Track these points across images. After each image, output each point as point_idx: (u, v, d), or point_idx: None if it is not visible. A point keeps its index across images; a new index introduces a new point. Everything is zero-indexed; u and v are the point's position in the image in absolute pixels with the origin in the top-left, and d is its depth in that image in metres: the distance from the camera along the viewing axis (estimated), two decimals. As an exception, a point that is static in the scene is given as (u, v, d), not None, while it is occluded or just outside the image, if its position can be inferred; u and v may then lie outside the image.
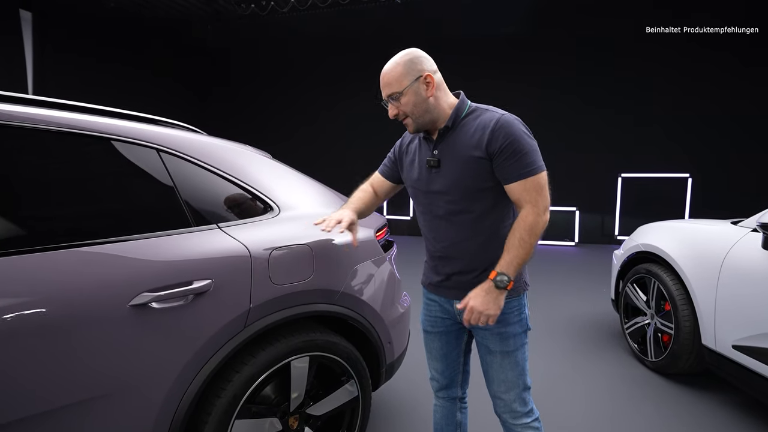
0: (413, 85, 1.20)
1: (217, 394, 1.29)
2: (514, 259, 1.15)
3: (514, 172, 1.17)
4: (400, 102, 1.22)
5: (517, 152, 1.16)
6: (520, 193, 1.17)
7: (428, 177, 1.28)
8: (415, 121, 1.25)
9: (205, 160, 1.44)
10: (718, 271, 2.16)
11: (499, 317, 1.21)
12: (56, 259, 1.07)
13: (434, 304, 1.40)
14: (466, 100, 1.29)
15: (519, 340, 1.30)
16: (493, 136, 1.17)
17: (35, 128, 1.14)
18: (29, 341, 1.00)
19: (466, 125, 1.24)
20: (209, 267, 1.27)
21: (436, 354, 1.43)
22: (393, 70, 1.22)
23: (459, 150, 1.22)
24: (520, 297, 1.30)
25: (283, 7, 8.32)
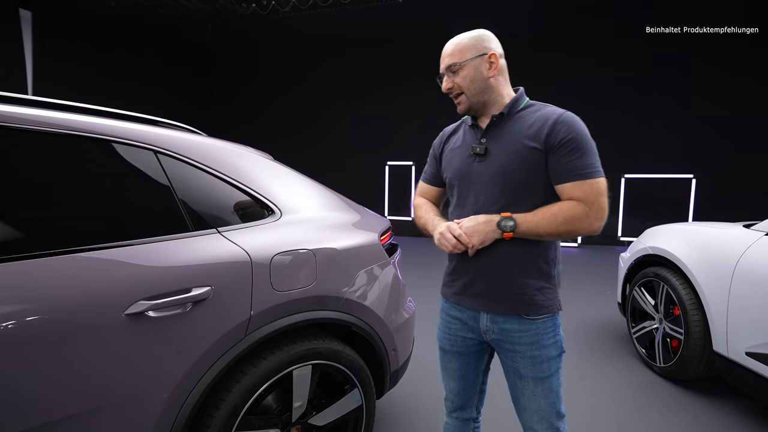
0: (475, 60, 1.13)
1: (216, 405, 1.24)
2: (532, 223, 1.07)
3: (572, 170, 1.07)
4: (458, 75, 1.15)
5: (579, 149, 1.07)
6: (575, 194, 1.07)
7: (470, 166, 1.19)
8: (469, 100, 1.16)
9: (205, 162, 1.39)
10: (730, 276, 2.11)
11: (532, 339, 1.14)
12: (49, 265, 1.02)
13: (456, 322, 1.27)
14: (525, 95, 1.22)
15: (554, 365, 1.17)
16: (554, 127, 1.08)
17: (26, 129, 1.09)
18: (21, 351, 0.95)
19: (524, 116, 1.15)
20: (208, 273, 1.22)
21: (454, 374, 1.32)
22: (458, 42, 1.16)
23: (512, 139, 1.13)
24: (554, 317, 1.18)
25: (284, 6, 8.28)
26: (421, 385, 2.42)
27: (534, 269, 1.15)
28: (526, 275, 1.14)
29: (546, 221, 1.07)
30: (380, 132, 8.45)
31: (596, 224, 1.07)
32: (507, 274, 1.15)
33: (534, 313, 1.14)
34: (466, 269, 1.21)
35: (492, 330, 1.19)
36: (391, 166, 8.41)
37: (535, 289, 1.14)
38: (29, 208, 1.12)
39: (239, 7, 8.48)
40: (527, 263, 1.14)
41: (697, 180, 6.92)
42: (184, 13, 8.70)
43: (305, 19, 8.56)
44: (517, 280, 1.14)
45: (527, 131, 1.12)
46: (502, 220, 1.08)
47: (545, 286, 1.16)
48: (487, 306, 1.18)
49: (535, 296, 1.14)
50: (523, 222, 1.07)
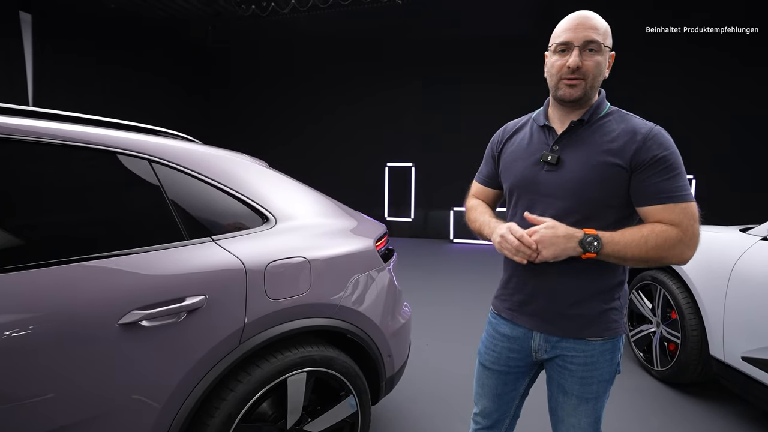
0: (608, 52, 1.03)
1: (210, 413, 1.25)
2: (619, 245, 0.95)
3: (664, 191, 0.96)
4: (592, 57, 1.00)
5: (672, 169, 0.96)
6: (666, 218, 0.96)
7: (538, 174, 1.08)
8: (585, 90, 1.02)
9: (199, 170, 1.39)
10: (726, 280, 2.11)
11: (587, 360, 1.06)
12: (42, 276, 1.03)
13: (503, 339, 1.19)
14: (606, 101, 1.10)
15: (603, 388, 1.09)
16: (645, 144, 0.97)
17: (20, 140, 1.09)
18: (15, 361, 0.96)
19: (606, 126, 1.04)
20: (202, 282, 1.23)
21: (489, 392, 1.23)
22: (601, 21, 1.03)
23: (591, 150, 1.02)
24: (617, 339, 1.09)
25: (283, 8, 8.28)
26: (417, 391, 2.42)
27: (599, 290, 1.05)
28: (590, 296, 1.05)
29: (635, 244, 0.95)
30: (380, 133, 8.46)
31: (689, 253, 0.96)
32: (570, 294, 1.06)
33: (593, 335, 1.06)
34: (524, 284, 1.12)
35: (544, 349, 1.12)
36: (391, 167, 8.41)
37: (598, 312, 1.06)
38: (24, 219, 1.12)
39: (238, 8, 8.49)
40: (593, 283, 1.05)
41: (697, 181, 6.91)
42: (183, 14, 8.71)
43: (305, 21, 8.56)
44: (579, 302, 1.05)
45: (610, 145, 1.01)
46: (586, 237, 0.96)
47: (610, 307, 1.07)
48: (543, 327, 1.10)
49: (596, 318, 1.06)
50: (609, 242, 0.96)
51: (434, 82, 7.91)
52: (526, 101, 7.31)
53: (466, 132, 7.56)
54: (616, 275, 1.07)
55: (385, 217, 8.46)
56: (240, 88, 9.66)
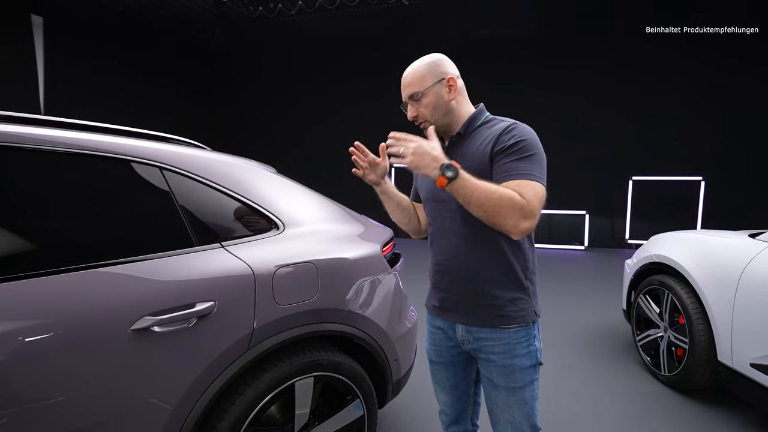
0: (435, 87, 1.15)
1: (220, 417, 1.27)
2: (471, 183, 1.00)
3: (515, 169, 1.05)
4: (421, 103, 1.17)
5: (523, 152, 1.06)
6: (514, 189, 1.02)
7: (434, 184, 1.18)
8: (435, 125, 1.17)
9: (209, 177, 1.41)
10: (735, 286, 2.10)
11: (504, 348, 1.14)
12: (57, 283, 1.05)
13: (438, 331, 1.30)
14: (485, 110, 1.23)
15: (527, 376, 1.16)
16: (501, 136, 1.09)
17: (31, 148, 1.12)
18: (31, 367, 0.98)
19: (479, 133, 1.17)
20: (212, 288, 1.24)
21: (444, 385, 1.33)
22: (415, 70, 1.18)
23: (468, 158, 1.14)
24: (529, 327, 1.17)
25: (290, 9, 8.32)
26: (423, 394, 2.43)
27: (505, 280, 1.14)
28: (496, 287, 1.14)
29: (483, 190, 1.00)
30: (385, 134, 8.45)
31: (524, 223, 1.00)
32: (477, 286, 1.16)
33: (505, 323, 1.15)
34: (441, 283, 1.24)
35: (468, 340, 1.21)
36: (397, 168, 8.42)
37: (506, 300, 1.14)
38: (39, 226, 1.15)
39: (246, 10, 8.54)
40: (498, 274, 1.14)
41: (707, 183, 6.85)
42: (191, 16, 8.78)
43: (312, 22, 8.59)
44: (487, 292, 1.15)
45: (480, 147, 1.13)
46: (448, 165, 1.00)
47: (517, 296, 1.15)
48: (460, 318, 1.21)
49: (506, 307, 1.14)
50: (464, 178, 1.00)
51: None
52: (533, 101, 7.33)
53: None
54: (519, 266, 1.15)
55: (391, 219, 8.46)
56: (247, 89, 9.72)
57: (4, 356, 0.95)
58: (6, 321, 0.97)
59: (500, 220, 1.01)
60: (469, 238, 1.15)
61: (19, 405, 0.97)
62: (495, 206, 1.00)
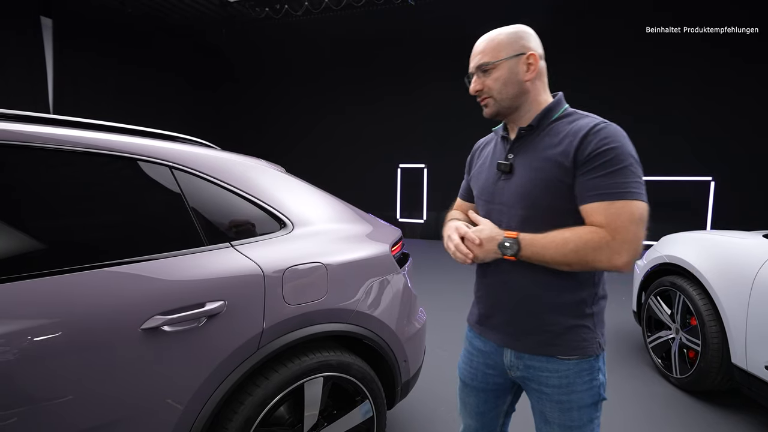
0: (510, 61, 0.99)
1: (229, 417, 1.26)
2: (537, 247, 0.91)
3: (598, 188, 0.89)
4: (490, 76, 1.00)
5: (612, 164, 0.88)
6: (596, 219, 0.88)
7: (495, 185, 1.06)
8: (497, 104, 1.02)
9: (219, 177, 1.41)
10: (749, 287, 2.06)
11: (561, 381, 0.98)
12: (68, 282, 1.05)
13: (479, 354, 1.14)
14: (563, 101, 1.05)
15: (586, 414, 0.99)
16: (585, 139, 0.91)
17: (42, 147, 1.12)
18: (42, 366, 0.98)
19: (556, 128, 0.99)
20: (222, 288, 1.24)
21: (472, 411, 1.18)
22: (493, 38, 1.01)
23: (538, 154, 0.98)
24: (592, 360, 0.99)
25: (297, 10, 8.35)
26: (432, 396, 2.41)
27: (563, 304, 0.98)
28: (552, 311, 0.98)
29: (554, 246, 0.90)
30: (392, 134, 8.46)
31: (619, 259, 0.86)
32: (528, 308, 1.00)
33: (562, 353, 0.98)
34: (485, 296, 1.09)
35: (517, 366, 1.05)
36: (404, 168, 8.41)
37: (564, 328, 0.98)
38: (50, 225, 1.15)
39: (252, 11, 8.58)
40: (555, 295, 0.98)
41: (716, 183, 6.76)
42: (198, 18, 8.84)
43: (318, 23, 8.61)
44: (540, 316, 0.99)
45: (556, 146, 0.96)
46: (505, 241, 0.94)
47: (579, 324, 0.98)
48: (508, 341, 1.05)
49: (564, 335, 0.98)
50: (528, 245, 0.92)
51: (447, 83, 7.88)
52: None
53: (480, 133, 7.51)
54: (585, 289, 0.99)
55: (398, 219, 8.46)
56: (254, 89, 9.75)
57: (16, 355, 0.95)
58: (18, 320, 0.97)
59: (591, 266, 0.89)
60: None
61: (29, 404, 0.97)
62: (576, 257, 0.88)
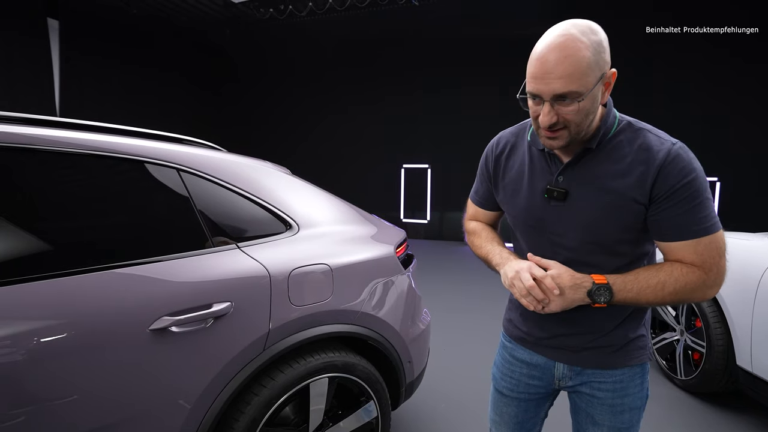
0: (598, 86, 0.81)
1: (236, 417, 1.28)
2: (632, 293, 0.86)
3: (684, 225, 0.84)
4: (572, 107, 0.81)
5: (694, 198, 0.83)
6: (687, 256, 0.85)
7: (543, 210, 0.95)
8: (571, 137, 0.86)
9: (225, 179, 1.42)
10: (755, 289, 2.06)
11: (615, 386, 0.98)
12: (78, 283, 1.07)
13: (521, 365, 1.09)
14: (614, 110, 0.93)
15: (635, 416, 1.00)
16: (662, 171, 0.83)
17: (52, 150, 1.14)
18: (52, 367, 1.00)
19: (617, 149, 0.88)
20: (229, 289, 1.25)
21: (509, 421, 1.14)
22: (582, 53, 0.78)
23: (602, 183, 0.88)
24: (644, 364, 1.01)
25: (301, 11, 8.37)
26: (436, 396, 2.42)
27: (632, 318, 0.98)
28: (615, 327, 0.96)
29: (650, 291, 0.85)
30: (396, 135, 8.47)
31: (712, 293, 0.86)
32: (593, 327, 0.97)
33: (622, 364, 0.99)
34: (538, 318, 1.03)
35: (569, 377, 1.03)
36: (407, 168, 8.42)
37: (625, 342, 0.98)
38: (59, 227, 1.16)
39: (257, 12, 8.61)
40: (619, 314, 0.96)
41: (722, 183, 6.73)
42: (202, 19, 8.88)
43: (322, 23, 8.63)
44: (605, 332, 0.97)
45: (624, 175, 0.86)
46: (595, 287, 0.86)
47: (637, 335, 0.99)
48: (565, 357, 1.02)
49: (625, 347, 0.98)
50: (621, 290, 0.86)
51: (452, 83, 7.89)
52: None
53: (484, 134, 7.50)
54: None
55: (401, 219, 8.47)
56: (258, 89, 9.79)
57: (27, 355, 0.96)
58: (28, 321, 0.99)
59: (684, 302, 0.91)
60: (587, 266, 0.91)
61: (38, 403, 0.99)
62: (673, 299, 0.86)
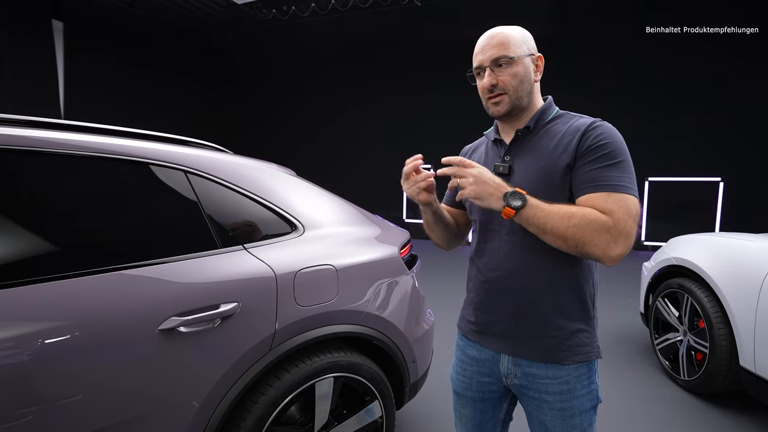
0: (526, 58, 1.00)
1: (243, 416, 1.29)
2: (541, 211, 0.88)
3: (598, 179, 0.90)
4: (506, 71, 0.99)
5: (610, 158, 0.91)
6: (599, 204, 0.89)
7: None
8: (511, 102, 1.01)
9: (231, 181, 1.44)
10: (758, 290, 2.06)
11: (563, 388, 0.99)
12: (88, 285, 1.08)
13: (472, 362, 1.12)
14: (554, 104, 1.08)
15: (586, 418, 1.00)
16: (584, 135, 0.94)
17: (62, 153, 1.15)
18: (63, 366, 1.01)
19: (552, 129, 1.02)
20: (236, 290, 1.27)
21: (467, 423, 1.15)
22: (507, 33, 1.00)
23: (539, 155, 0.99)
24: (591, 363, 1.01)
25: (304, 11, 8.39)
26: (440, 395, 2.43)
27: (570, 308, 0.99)
28: (561, 314, 0.98)
29: (558, 216, 0.87)
30: (398, 134, 8.48)
31: (615, 249, 0.86)
32: (539, 311, 0.99)
33: (566, 359, 0.99)
34: (488, 304, 1.06)
35: (514, 374, 1.04)
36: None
37: (569, 332, 0.98)
38: (69, 229, 1.18)
39: (260, 12, 8.64)
40: (566, 298, 0.98)
41: (726, 183, 6.71)
42: (206, 20, 8.91)
43: (325, 24, 8.65)
44: (549, 321, 0.98)
45: (557, 146, 0.98)
46: (512, 193, 0.89)
47: (582, 328, 1.00)
48: (510, 348, 1.03)
49: (569, 340, 0.98)
50: (533, 205, 0.89)
51: (454, 83, 7.89)
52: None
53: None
54: (587, 290, 1.00)
55: (404, 219, 8.48)
56: (262, 90, 9.81)
57: (38, 355, 0.98)
58: (38, 321, 1.00)
59: (585, 249, 0.87)
60: (533, 251, 0.97)
61: (52, 402, 1.00)
62: (575, 233, 0.86)
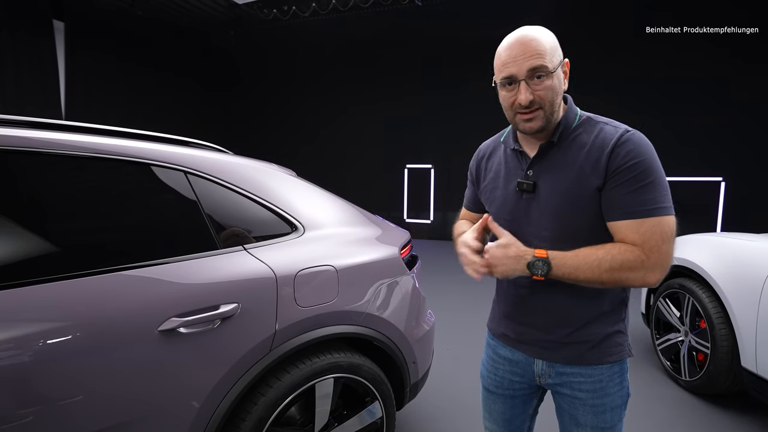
0: (559, 69, 0.91)
1: (243, 417, 1.29)
2: (570, 267, 0.87)
3: (630, 204, 0.86)
4: (543, 84, 0.88)
5: (640, 179, 0.86)
6: (629, 236, 0.86)
7: (517, 204, 1.01)
8: (546, 117, 0.92)
9: (231, 181, 1.44)
10: (759, 290, 2.05)
11: (596, 386, 1.00)
12: (87, 285, 1.08)
13: (504, 362, 1.13)
14: (575, 107, 1.00)
15: (617, 414, 1.02)
16: (612, 153, 0.88)
17: (59, 154, 1.15)
18: (63, 367, 1.01)
19: (577, 140, 0.94)
20: (236, 290, 1.27)
21: (498, 418, 1.17)
22: (541, 37, 0.89)
23: (566, 172, 0.93)
24: (623, 362, 1.02)
25: (304, 11, 8.39)
26: (440, 396, 2.43)
27: (606, 314, 0.98)
28: (592, 321, 0.98)
29: (587, 266, 0.86)
30: (400, 135, 8.48)
31: (652, 277, 0.85)
32: (569, 320, 0.98)
33: (601, 360, 0.99)
34: (519, 315, 1.06)
35: (548, 374, 1.05)
36: (411, 169, 8.43)
37: (605, 335, 0.98)
38: (68, 230, 1.18)
39: (260, 12, 8.64)
40: (598, 309, 0.97)
41: (727, 183, 6.70)
42: (207, 20, 8.92)
43: (326, 24, 8.65)
44: (581, 328, 0.98)
45: (584, 161, 0.91)
46: (534, 261, 0.89)
47: (615, 330, 1.00)
48: (545, 354, 1.03)
49: (604, 342, 0.99)
50: (560, 265, 0.88)
51: (455, 83, 7.89)
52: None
53: (488, 134, 7.49)
54: (617, 295, 1.00)
55: (405, 219, 8.48)
56: (262, 90, 9.82)
57: (38, 356, 0.98)
58: (38, 322, 1.00)
59: (625, 285, 0.88)
60: None
61: (52, 403, 1.00)
62: (610, 277, 0.86)
